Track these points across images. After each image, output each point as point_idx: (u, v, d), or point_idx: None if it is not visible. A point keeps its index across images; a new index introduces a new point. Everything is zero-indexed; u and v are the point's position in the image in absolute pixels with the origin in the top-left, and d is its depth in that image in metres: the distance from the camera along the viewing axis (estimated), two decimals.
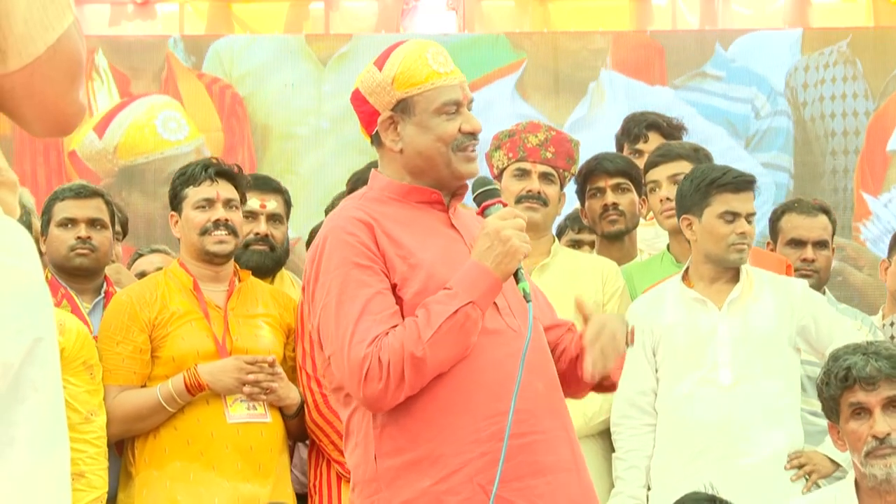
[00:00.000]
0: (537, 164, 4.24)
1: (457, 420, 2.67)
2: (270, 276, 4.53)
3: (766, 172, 7.49)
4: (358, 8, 8.13)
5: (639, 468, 4.05)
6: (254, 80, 7.75)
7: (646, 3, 8.08)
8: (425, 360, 2.63)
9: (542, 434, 2.72)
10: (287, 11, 8.09)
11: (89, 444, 3.77)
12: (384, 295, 2.70)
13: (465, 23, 7.94)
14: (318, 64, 7.72)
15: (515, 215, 2.76)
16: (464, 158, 2.81)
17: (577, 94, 7.71)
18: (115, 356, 3.93)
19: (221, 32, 7.92)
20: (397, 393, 2.65)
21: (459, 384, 2.68)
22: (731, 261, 4.06)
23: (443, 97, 2.81)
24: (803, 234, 4.63)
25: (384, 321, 2.67)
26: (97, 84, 7.72)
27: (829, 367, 3.41)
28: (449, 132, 2.80)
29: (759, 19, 8.01)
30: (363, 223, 2.75)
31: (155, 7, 8.05)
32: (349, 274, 2.71)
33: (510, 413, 2.61)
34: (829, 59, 7.64)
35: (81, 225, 4.24)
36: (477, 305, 2.66)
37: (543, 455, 2.71)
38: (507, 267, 2.70)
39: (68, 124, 1.67)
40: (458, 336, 2.65)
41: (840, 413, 3.39)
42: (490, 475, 2.63)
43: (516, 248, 2.69)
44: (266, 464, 3.91)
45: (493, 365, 2.70)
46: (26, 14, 1.58)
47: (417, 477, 2.67)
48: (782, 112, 7.64)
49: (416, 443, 2.68)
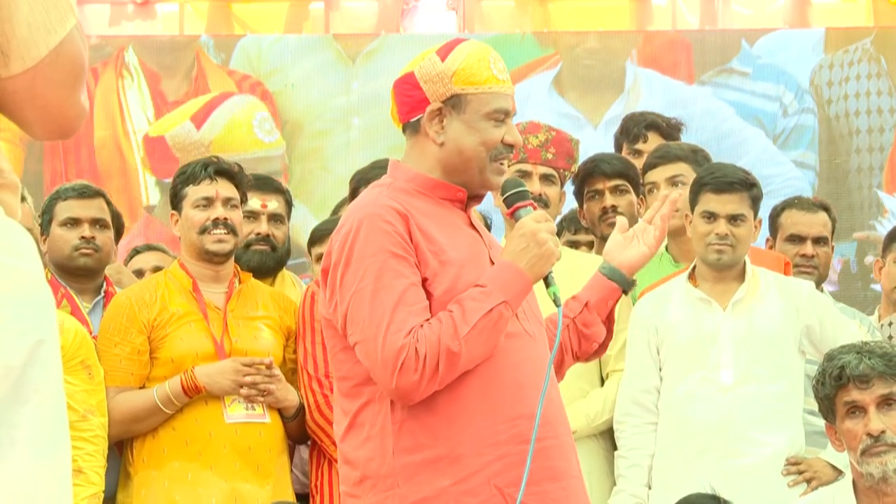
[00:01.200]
0: (538, 166, 4.25)
1: (477, 421, 2.68)
2: (271, 277, 4.53)
3: (794, 171, 7.50)
4: (358, 8, 8.13)
5: (641, 467, 4.05)
6: (282, 77, 7.74)
7: (646, 3, 8.08)
8: (460, 356, 2.63)
9: (556, 440, 2.74)
10: (287, 11, 8.09)
11: (87, 441, 3.76)
12: (418, 287, 2.70)
13: (465, 23, 7.94)
14: (347, 60, 7.72)
15: (548, 218, 2.78)
16: (496, 170, 2.82)
17: (615, 92, 7.70)
18: (113, 357, 3.93)
19: (221, 32, 7.92)
20: (430, 386, 2.64)
21: (480, 385, 2.69)
22: (709, 261, 4.08)
23: (496, 103, 2.81)
24: (803, 230, 4.62)
25: (419, 313, 2.66)
26: (127, 81, 7.72)
27: (823, 366, 3.42)
28: (494, 138, 2.80)
29: (760, 19, 8.01)
30: (399, 214, 2.73)
31: (155, 7, 8.05)
32: (386, 262, 2.68)
33: (537, 417, 2.63)
34: (854, 57, 7.61)
35: (85, 225, 4.24)
36: (509, 305, 2.68)
37: (558, 460, 2.73)
38: (541, 269, 2.72)
39: (69, 127, 1.67)
40: (491, 335, 2.66)
41: (836, 412, 3.39)
42: (508, 478, 2.64)
43: (552, 251, 2.72)
44: (265, 464, 3.91)
45: (513, 368, 2.71)
46: (29, 18, 1.57)
47: (437, 475, 2.67)
48: (809, 110, 7.62)
49: (437, 440, 2.67)
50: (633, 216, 4.71)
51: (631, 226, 4.66)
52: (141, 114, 7.71)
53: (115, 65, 7.73)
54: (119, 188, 7.61)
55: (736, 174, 4.13)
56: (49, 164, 7.54)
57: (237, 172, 4.08)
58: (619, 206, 4.63)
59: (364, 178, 4.22)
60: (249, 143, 7.65)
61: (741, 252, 4.10)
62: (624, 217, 3.26)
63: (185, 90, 7.73)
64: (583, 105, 7.64)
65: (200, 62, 7.74)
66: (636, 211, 4.70)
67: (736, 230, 4.06)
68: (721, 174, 4.12)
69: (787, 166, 7.47)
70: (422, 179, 2.82)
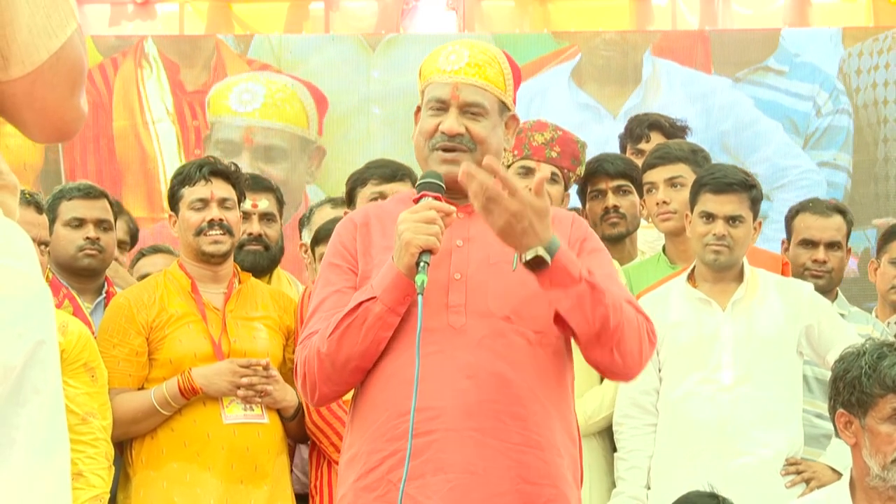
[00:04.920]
0: (541, 163, 4.24)
1: (377, 417, 2.71)
2: (266, 276, 4.52)
3: (821, 171, 7.47)
4: (358, 8, 8.13)
5: (640, 468, 4.05)
6: (304, 67, 7.73)
7: (646, 3, 8.08)
8: (329, 355, 2.69)
9: (451, 433, 2.66)
10: (287, 11, 8.09)
11: (87, 444, 3.76)
12: (342, 293, 2.76)
13: (465, 23, 7.94)
14: (367, 49, 7.72)
15: (430, 207, 2.69)
16: (438, 158, 2.81)
17: (633, 82, 7.69)
18: (111, 359, 3.93)
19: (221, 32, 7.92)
20: (323, 387, 2.74)
21: (382, 381, 2.71)
22: (707, 261, 4.08)
23: (432, 92, 2.84)
24: (815, 234, 4.55)
25: (328, 319, 2.73)
26: (146, 72, 7.71)
27: (874, 362, 3.28)
28: (427, 128, 2.82)
29: (760, 19, 8.01)
30: (352, 222, 2.86)
31: (155, 7, 8.06)
32: (322, 273, 2.84)
33: (412, 409, 2.59)
34: (884, 45, 7.59)
35: (90, 225, 4.25)
36: (379, 300, 2.66)
37: (449, 454, 2.65)
38: (404, 260, 2.65)
39: (68, 130, 1.67)
40: (359, 331, 2.67)
41: (873, 411, 3.31)
42: (399, 473, 2.62)
43: (407, 240, 2.64)
44: (263, 465, 3.90)
45: (412, 363, 2.63)
46: (30, 22, 1.58)
47: (349, 473, 2.74)
48: (843, 111, 7.58)
49: (353, 440, 2.76)
50: (635, 217, 4.71)
51: (633, 227, 4.69)
52: (160, 104, 7.71)
53: (135, 55, 7.73)
54: (138, 179, 7.62)
55: (735, 175, 4.12)
56: (68, 154, 7.55)
57: (233, 172, 4.08)
58: (621, 206, 4.62)
59: (360, 179, 4.22)
60: (219, 108, 7.64)
61: (739, 253, 4.10)
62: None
63: (205, 80, 7.73)
64: (602, 96, 7.64)
65: (220, 52, 7.75)
66: (638, 212, 4.70)
67: (734, 231, 4.06)
68: (720, 175, 4.11)
69: (803, 158, 7.44)
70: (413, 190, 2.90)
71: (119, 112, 7.67)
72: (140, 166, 7.65)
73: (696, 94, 7.55)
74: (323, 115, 7.65)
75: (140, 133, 7.70)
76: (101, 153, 7.64)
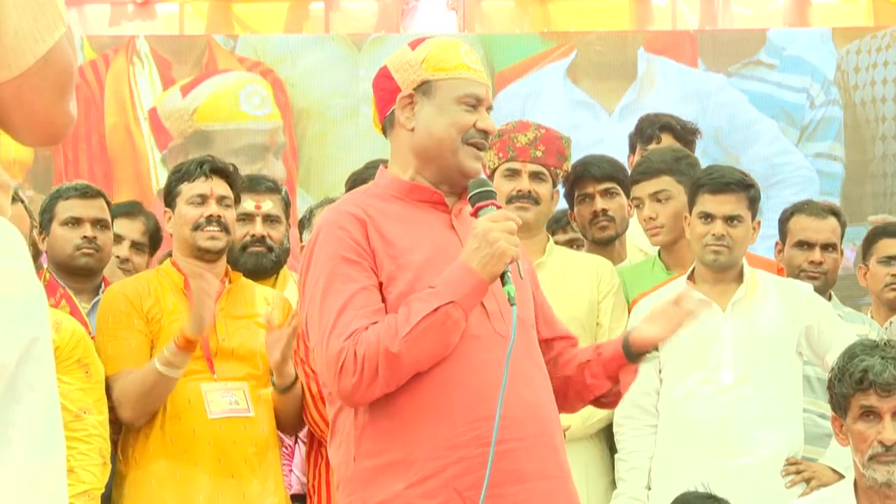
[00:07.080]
0: (527, 164, 4.20)
1: (434, 424, 2.65)
2: (272, 277, 4.50)
3: (816, 163, 7.47)
4: (358, 8, 8.14)
5: (641, 469, 4.05)
6: (289, 64, 7.74)
7: (646, 3, 8.08)
8: (400, 357, 2.61)
9: (524, 441, 2.69)
10: (287, 11, 8.10)
11: (80, 441, 3.73)
12: (370, 291, 2.69)
13: (465, 23, 7.94)
14: (353, 48, 7.72)
15: (507, 217, 2.71)
16: (471, 154, 2.80)
17: (628, 79, 7.72)
18: (122, 342, 3.90)
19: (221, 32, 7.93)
20: (371, 388, 2.63)
21: (438, 388, 2.66)
22: (706, 262, 4.08)
23: (468, 88, 2.80)
24: (811, 235, 4.55)
25: (366, 316, 2.65)
26: (138, 69, 7.72)
27: (844, 363, 3.34)
28: (465, 121, 2.79)
29: (760, 19, 8.01)
30: (356, 219, 2.75)
31: (155, 7, 8.06)
32: (337, 268, 2.70)
33: (496, 419, 2.58)
34: (882, 43, 7.59)
35: (87, 224, 4.25)
36: (459, 305, 2.63)
37: (525, 462, 2.68)
38: (494, 269, 2.65)
39: (57, 134, 1.66)
40: (437, 335, 2.63)
41: (849, 411, 3.35)
42: (467, 481, 2.61)
43: (503, 250, 2.65)
44: (251, 458, 3.88)
45: (472, 370, 2.66)
46: (17, 26, 1.57)
47: (392, 479, 2.66)
48: (835, 101, 7.57)
49: (394, 445, 2.67)
50: (624, 219, 4.69)
51: (622, 229, 4.67)
52: (151, 100, 7.72)
53: (126, 52, 7.74)
54: (130, 174, 7.63)
55: (733, 175, 4.12)
56: (60, 150, 7.55)
57: (232, 172, 4.08)
58: (609, 209, 4.59)
59: (359, 178, 4.21)
60: (233, 114, 7.65)
61: (738, 253, 4.10)
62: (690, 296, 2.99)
63: (196, 77, 7.75)
64: (597, 93, 7.65)
65: (211, 49, 7.75)
66: (627, 213, 4.67)
67: (733, 231, 4.06)
68: (718, 175, 4.11)
69: (798, 155, 7.45)
70: (397, 184, 2.83)
71: (111, 108, 7.69)
72: (132, 162, 7.66)
73: (689, 89, 7.56)
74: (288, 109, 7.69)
75: (132, 129, 7.71)
76: (93, 149, 7.65)
